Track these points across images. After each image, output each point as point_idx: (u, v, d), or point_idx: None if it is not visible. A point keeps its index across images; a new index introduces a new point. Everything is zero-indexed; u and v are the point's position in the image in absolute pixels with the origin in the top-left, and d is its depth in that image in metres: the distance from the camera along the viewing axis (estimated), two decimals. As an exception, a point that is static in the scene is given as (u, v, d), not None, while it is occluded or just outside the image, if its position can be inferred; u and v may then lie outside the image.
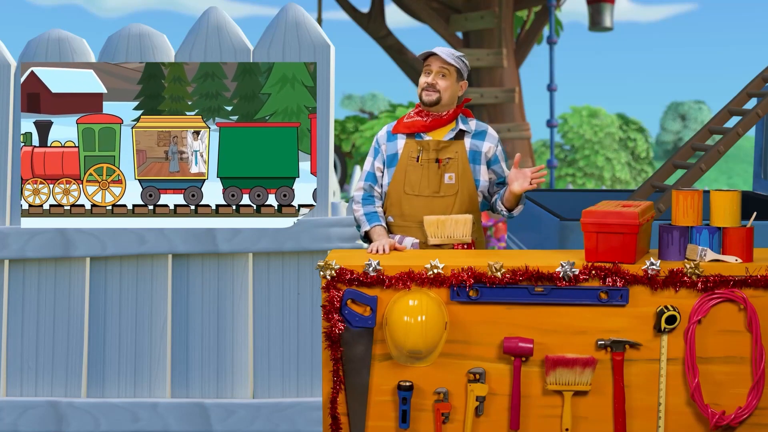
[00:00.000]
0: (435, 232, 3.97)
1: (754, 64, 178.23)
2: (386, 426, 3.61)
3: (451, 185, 4.04)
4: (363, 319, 3.54)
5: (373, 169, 4.15)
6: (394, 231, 4.10)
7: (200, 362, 4.87)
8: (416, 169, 4.05)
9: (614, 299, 3.51)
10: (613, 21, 17.24)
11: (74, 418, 4.81)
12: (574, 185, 31.54)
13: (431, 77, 4.03)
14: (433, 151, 4.04)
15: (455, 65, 4.03)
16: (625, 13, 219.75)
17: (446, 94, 4.04)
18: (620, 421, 3.54)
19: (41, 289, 4.87)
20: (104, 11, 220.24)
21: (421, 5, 16.34)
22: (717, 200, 3.60)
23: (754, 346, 3.51)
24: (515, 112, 16.20)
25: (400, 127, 4.12)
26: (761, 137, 6.69)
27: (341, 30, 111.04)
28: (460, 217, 3.98)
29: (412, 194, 4.04)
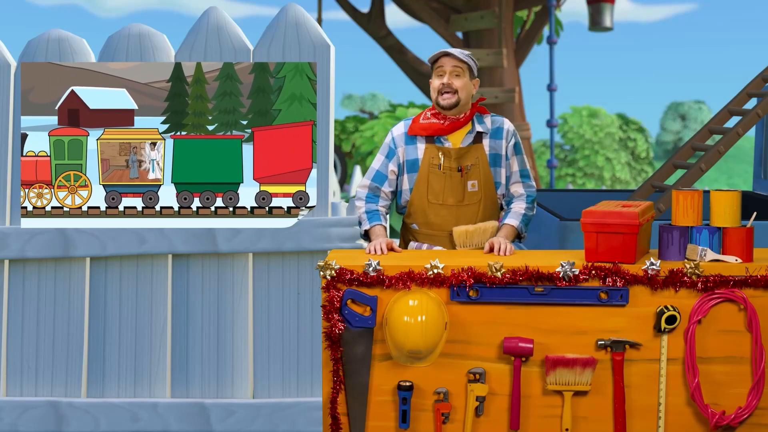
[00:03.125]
0: (464, 242, 3.98)
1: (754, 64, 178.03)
2: (386, 426, 3.61)
3: (474, 193, 4.00)
4: (363, 319, 3.54)
5: (385, 170, 4.07)
6: (421, 239, 4.07)
7: (200, 362, 4.87)
8: (439, 177, 3.99)
9: (614, 299, 3.51)
10: (613, 21, 17.24)
11: (74, 418, 4.81)
12: (574, 185, 31.55)
13: (446, 78, 3.94)
14: (454, 159, 3.97)
15: (467, 63, 3.97)
16: (625, 13, 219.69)
17: (463, 94, 3.96)
18: (620, 421, 3.54)
19: (41, 289, 4.87)
20: (104, 11, 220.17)
21: (421, 5, 16.34)
22: (717, 200, 3.60)
23: (754, 346, 3.51)
24: (515, 112, 16.20)
25: (416, 128, 4.02)
26: (761, 137, 6.69)
27: (341, 30, 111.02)
28: (488, 225, 3.99)
29: (437, 203, 4.01)
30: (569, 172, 32.04)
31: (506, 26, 15.90)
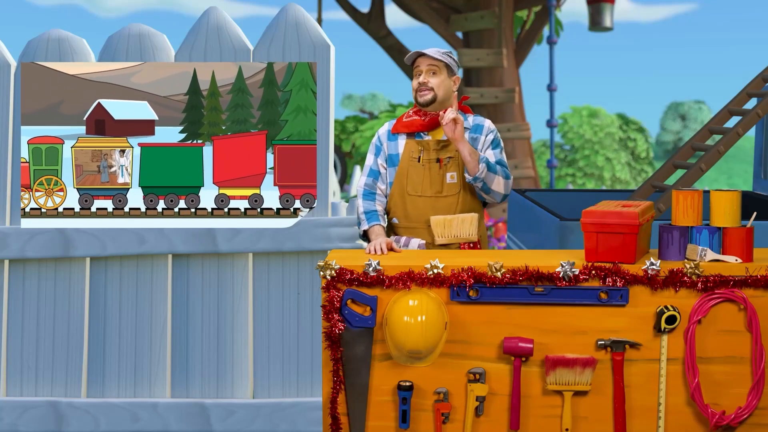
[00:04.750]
0: (442, 232, 3.98)
1: (754, 64, 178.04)
2: (386, 426, 3.61)
3: (453, 184, 4.04)
4: (363, 319, 3.54)
5: (376, 165, 4.15)
6: (400, 233, 4.10)
7: (200, 362, 4.87)
8: (418, 169, 4.05)
9: (614, 299, 3.51)
10: (613, 21, 17.24)
11: (74, 418, 4.81)
12: (574, 185, 31.55)
13: (422, 77, 4.05)
14: (433, 150, 4.05)
15: (443, 61, 4.05)
16: (625, 13, 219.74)
17: (440, 91, 4.05)
18: (620, 421, 3.54)
19: (41, 289, 4.87)
20: (104, 11, 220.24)
21: (421, 5, 16.33)
22: (717, 200, 3.60)
23: (754, 346, 3.51)
24: (515, 112, 16.20)
25: (399, 126, 4.13)
26: (761, 137, 6.69)
27: (341, 30, 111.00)
28: (466, 216, 4.00)
29: (415, 195, 4.05)
30: (569, 172, 32.05)
31: (506, 26, 15.90)
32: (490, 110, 15.95)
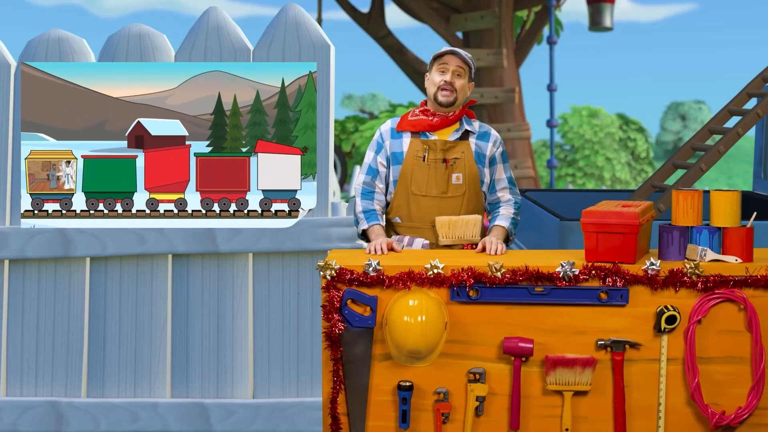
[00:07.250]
0: (447, 233, 3.97)
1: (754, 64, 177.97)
2: (386, 426, 3.61)
3: (458, 185, 4.02)
4: (363, 319, 3.54)
5: (375, 164, 4.10)
6: (403, 232, 4.08)
7: (200, 362, 4.87)
8: (422, 169, 4.02)
9: (614, 299, 3.51)
10: (613, 21, 17.24)
11: (74, 418, 4.81)
12: (574, 185, 31.55)
13: (449, 76, 3.99)
14: (440, 151, 4.01)
15: (470, 65, 4.03)
16: (625, 13, 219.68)
17: (462, 95, 4.03)
18: (620, 421, 3.54)
19: (41, 289, 4.87)
20: (104, 11, 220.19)
21: (421, 5, 16.33)
22: (717, 200, 3.60)
23: (754, 346, 3.51)
24: (515, 112, 16.20)
25: (404, 124, 4.07)
26: (761, 137, 6.69)
27: (341, 30, 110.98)
28: (471, 218, 3.99)
29: (420, 195, 4.02)
30: (569, 172, 32.05)
31: (506, 26, 15.90)
32: (490, 110, 15.95)
